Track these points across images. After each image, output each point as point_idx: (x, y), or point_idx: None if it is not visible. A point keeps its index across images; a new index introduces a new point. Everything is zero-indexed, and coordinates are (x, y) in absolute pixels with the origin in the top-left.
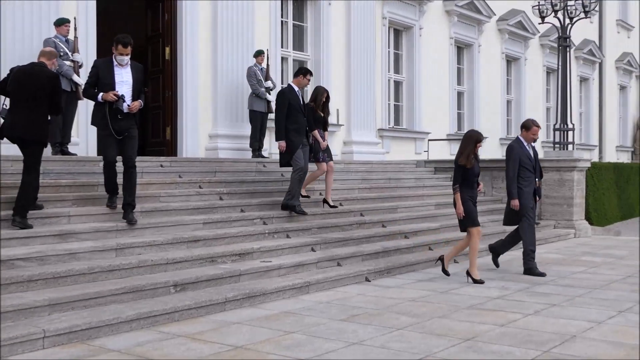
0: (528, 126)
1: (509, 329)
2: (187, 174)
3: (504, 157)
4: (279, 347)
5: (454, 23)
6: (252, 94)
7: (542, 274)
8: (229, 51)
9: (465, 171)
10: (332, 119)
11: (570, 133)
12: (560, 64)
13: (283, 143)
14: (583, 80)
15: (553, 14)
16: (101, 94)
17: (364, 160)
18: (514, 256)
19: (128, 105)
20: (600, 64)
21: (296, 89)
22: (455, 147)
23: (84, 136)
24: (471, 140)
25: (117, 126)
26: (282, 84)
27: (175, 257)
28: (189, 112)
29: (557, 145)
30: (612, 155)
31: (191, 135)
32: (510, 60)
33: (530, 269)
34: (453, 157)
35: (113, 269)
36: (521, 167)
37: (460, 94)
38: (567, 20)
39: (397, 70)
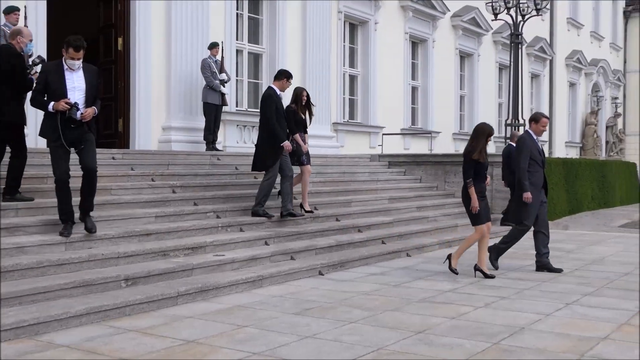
0: (537, 118)
1: (460, 321)
2: (140, 166)
3: (456, 152)
4: (232, 341)
5: (408, 18)
6: (206, 86)
7: (495, 268)
8: (183, 42)
9: (477, 165)
10: None
11: (521, 128)
12: (512, 60)
13: (288, 143)
14: (534, 76)
15: (506, 11)
16: (52, 103)
17: (319, 154)
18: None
19: (81, 114)
20: (551, 61)
21: (278, 91)
22: (409, 142)
23: (32, 127)
24: (484, 134)
25: (71, 136)
26: (236, 76)
27: (127, 251)
28: (141, 103)
29: (508, 141)
30: (561, 151)
31: (144, 128)
32: (464, 56)
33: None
34: (407, 152)
35: (62, 263)
36: (531, 160)
37: (414, 89)
38: (519, 18)
39: (352, 64)
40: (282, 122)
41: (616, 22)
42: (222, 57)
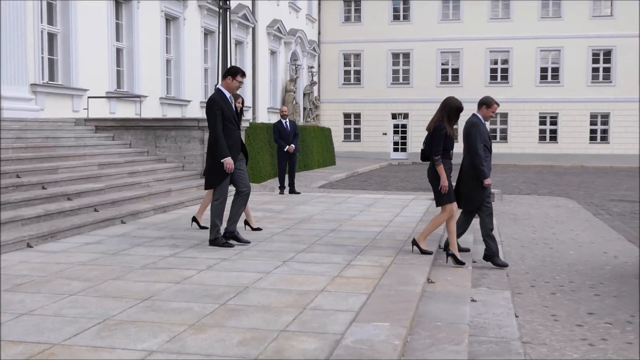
0: (489, 103)
1: (185, 285)
2: None
3: (164, 117)
4: None
5: None
6: None
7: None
8: None
9: (447, 141)
10: None
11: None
12: (220, 26)
13: (230, 160)
14: (238, 43)
15: None
16: None
17: (16, 117)
18: (181, 214)
19: None
20: (254, 29)
21: (227, 94)
22: (115, 106)
23: None
24: (452, 109)
25: None
26: None
27: None
28: None
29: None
30: (264, 116)
31: None
32: (170, 19)
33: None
34: (114, 116)
35: None
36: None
37: (119, 51)
38: None
39: (51, 21)
40: (232, 130)
41: None
42: None
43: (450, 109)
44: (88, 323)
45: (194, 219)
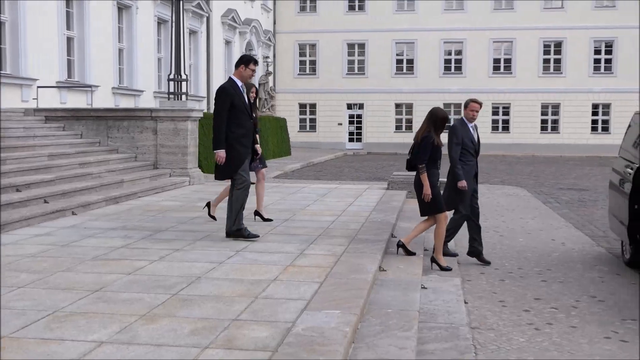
0: (466, 104)
1: (137, 276)
2: None
3: (117, 107)
4: None
5: None
6: None
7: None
8: None
9: (434, 150)
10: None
11: (184, 84)
12: (174, 15)
13: (222, 153)
14: (192, 32)
15: None
16: None
17: None
18: (133, 205)
19: None
20: (208, 18)
21: (239, 83)
22: (66, 96)
23: None
24: (438, 119)
25: None
26: None
27: None
28: None
29: (171, 96)
30: None
31: None
32: (122, 8)
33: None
34: (65, 106)
35: None
36: (463, 149)
37: (70, 40)
38: None
39: None
40: (244, 120)
41: None
42: None
43: (436, 119)
44: (37, 315)
45: (256, 213)
